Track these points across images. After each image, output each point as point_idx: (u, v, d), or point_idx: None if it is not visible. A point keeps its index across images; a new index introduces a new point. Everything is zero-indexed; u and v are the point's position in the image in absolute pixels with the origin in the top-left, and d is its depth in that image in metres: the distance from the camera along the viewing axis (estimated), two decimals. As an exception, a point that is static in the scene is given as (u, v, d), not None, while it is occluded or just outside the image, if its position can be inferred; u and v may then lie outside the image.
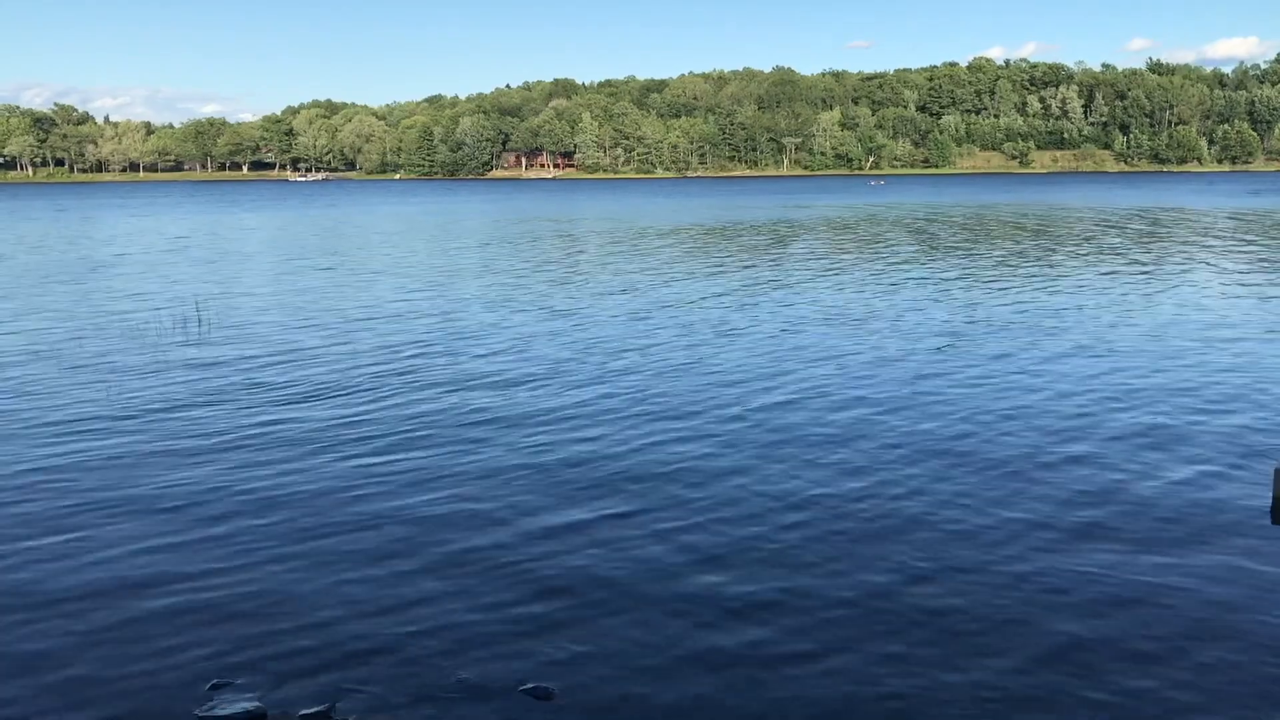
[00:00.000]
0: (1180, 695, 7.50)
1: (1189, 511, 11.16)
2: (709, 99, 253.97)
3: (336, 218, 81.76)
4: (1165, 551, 10.08)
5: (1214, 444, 13.63)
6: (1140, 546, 10.20)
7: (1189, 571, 9.61)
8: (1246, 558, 9.90)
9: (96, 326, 24.93)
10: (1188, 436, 14.01)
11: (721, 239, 53.16)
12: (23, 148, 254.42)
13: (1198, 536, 10.46)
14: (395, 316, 26.21)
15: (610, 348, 21.17)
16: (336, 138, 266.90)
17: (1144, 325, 23.43)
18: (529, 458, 13.35)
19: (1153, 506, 11.33)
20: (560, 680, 7.74)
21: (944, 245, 47.38)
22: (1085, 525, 10.80)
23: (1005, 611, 8.82)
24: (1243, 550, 10.09)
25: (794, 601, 9.05)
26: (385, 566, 9.88)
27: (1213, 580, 9.41)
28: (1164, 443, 13.73)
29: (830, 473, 12.61)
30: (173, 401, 16.70)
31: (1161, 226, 58.39)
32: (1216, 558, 9.92)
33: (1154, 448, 13.50)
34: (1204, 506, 11.32)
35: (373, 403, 16.52)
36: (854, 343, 21.46)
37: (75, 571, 9.82)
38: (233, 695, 7.55)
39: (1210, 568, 9.69)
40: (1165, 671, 7.82)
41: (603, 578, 9.57)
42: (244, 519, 11.19)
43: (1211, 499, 11.55)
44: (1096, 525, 10.79)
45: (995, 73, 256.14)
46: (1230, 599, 9.03)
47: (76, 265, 42.04)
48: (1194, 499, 11.55)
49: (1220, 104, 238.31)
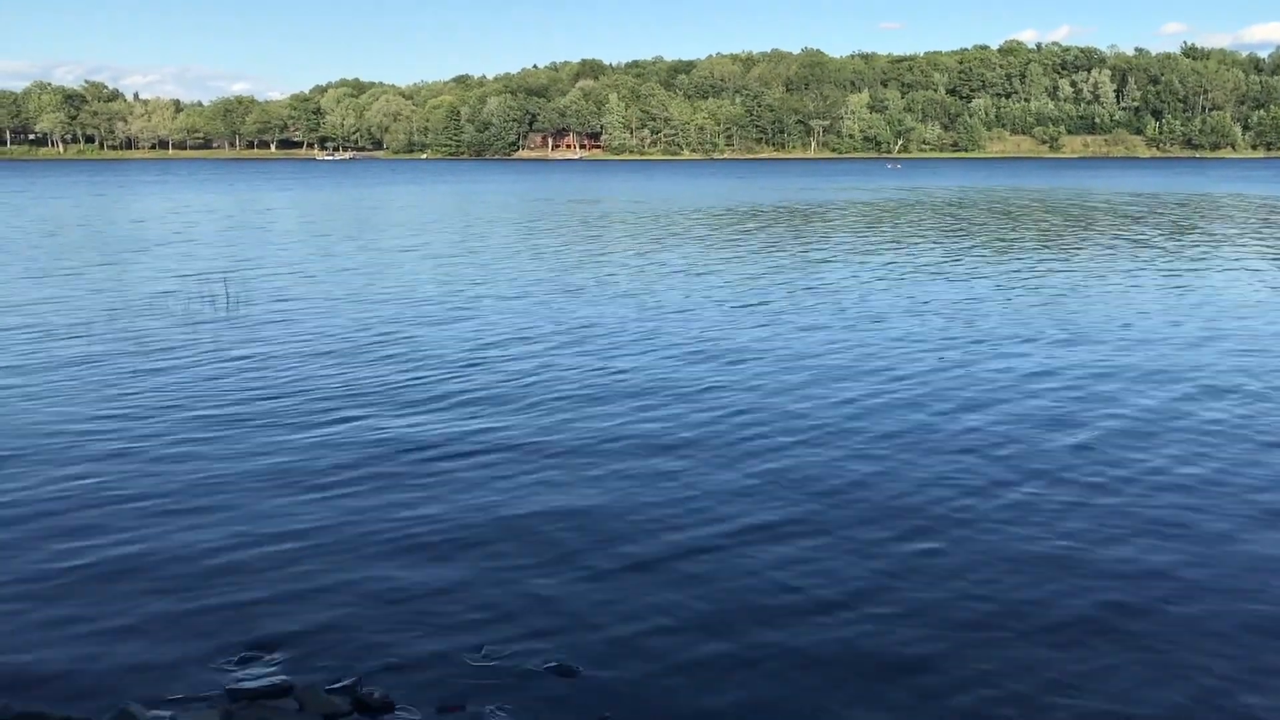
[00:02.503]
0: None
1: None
2: (736, 80, 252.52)
3: (382, 198, 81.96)
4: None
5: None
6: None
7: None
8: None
9: (132, 303, 25.15)
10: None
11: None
12: (54, 124, 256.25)
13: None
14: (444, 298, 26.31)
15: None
16: (364, 117, 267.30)
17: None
18: (557, 434, 13.37)
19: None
20: (584, 659, 7.76)
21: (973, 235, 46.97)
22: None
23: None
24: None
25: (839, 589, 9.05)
26: (413, 543, 9.93)
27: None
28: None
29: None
30: (208, 373, 16.84)
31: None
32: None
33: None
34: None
35: (403, 373, 16.59)
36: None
37: (108, 543, 9.93)
38: (260, 668, 7.63)
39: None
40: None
41: (636, 556, 9.59)
42: (273, 492, 11.27)
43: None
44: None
45: (1026, 56, 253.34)
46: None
47: (120, 242, 42.38)
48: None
49: (1255, 89, 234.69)
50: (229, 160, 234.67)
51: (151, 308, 24.18)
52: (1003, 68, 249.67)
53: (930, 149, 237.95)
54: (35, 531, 10.23)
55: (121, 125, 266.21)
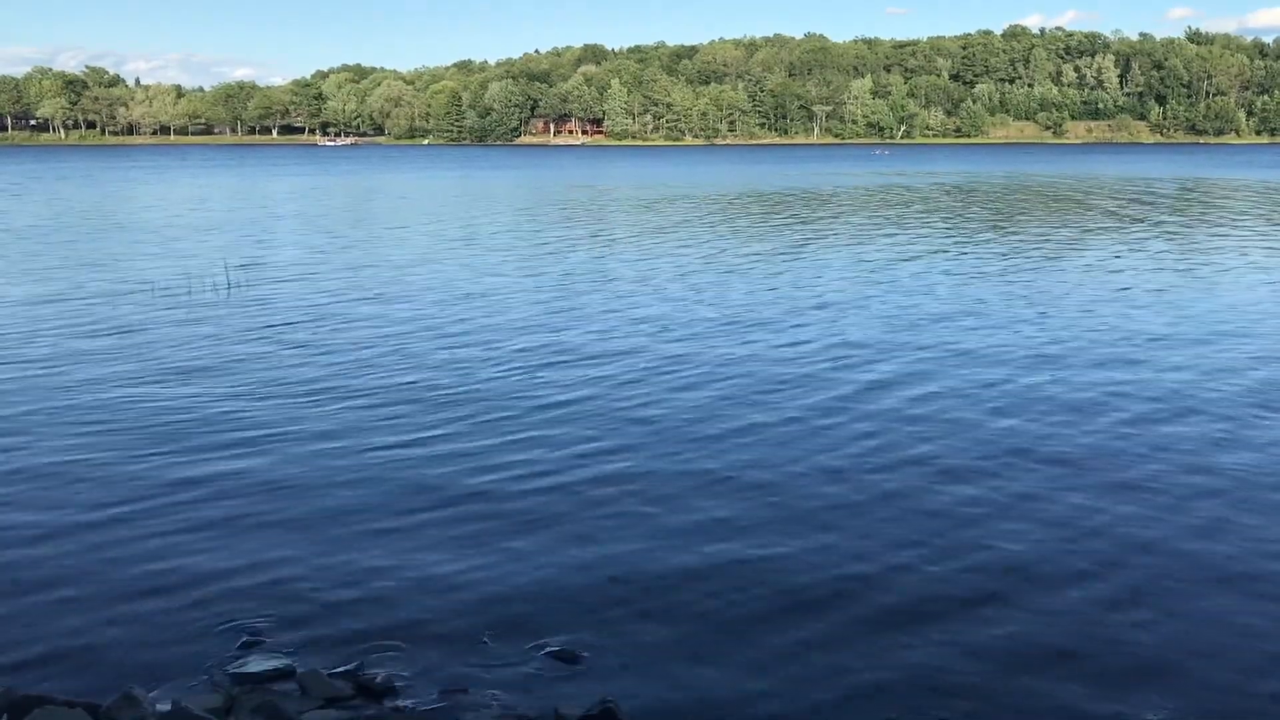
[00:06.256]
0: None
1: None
2: (739, 66, 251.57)
3: (397, 191, 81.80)
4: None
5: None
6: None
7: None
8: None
9: (136, 288, 25.16)
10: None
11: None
12: (55, 110, 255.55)
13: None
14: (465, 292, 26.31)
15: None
16: (365, 102, 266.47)
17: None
18: (562, 428, 13.38)
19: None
20: (588, 644, 7.78)
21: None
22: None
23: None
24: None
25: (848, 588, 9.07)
26: (414, 529, 9.95)
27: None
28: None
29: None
30: (209, 364, 16.85)
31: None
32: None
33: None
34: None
35: (402, 363, 16.59)
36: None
37: (110, 525, 9.95)
38: (263, 654, 7.64)
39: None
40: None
41: (638, 540, 9.61)
42: (277, 479, 11.28)
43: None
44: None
45: (1030, 41, 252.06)
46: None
47: (122, 230, 42.36)
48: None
49: (1260, 74, 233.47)
50: (231, 145, 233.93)
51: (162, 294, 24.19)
52: (1006, 53, 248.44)
53: (934, 134, 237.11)
54: (36, 514, 10.26)
55: (123, 111, 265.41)
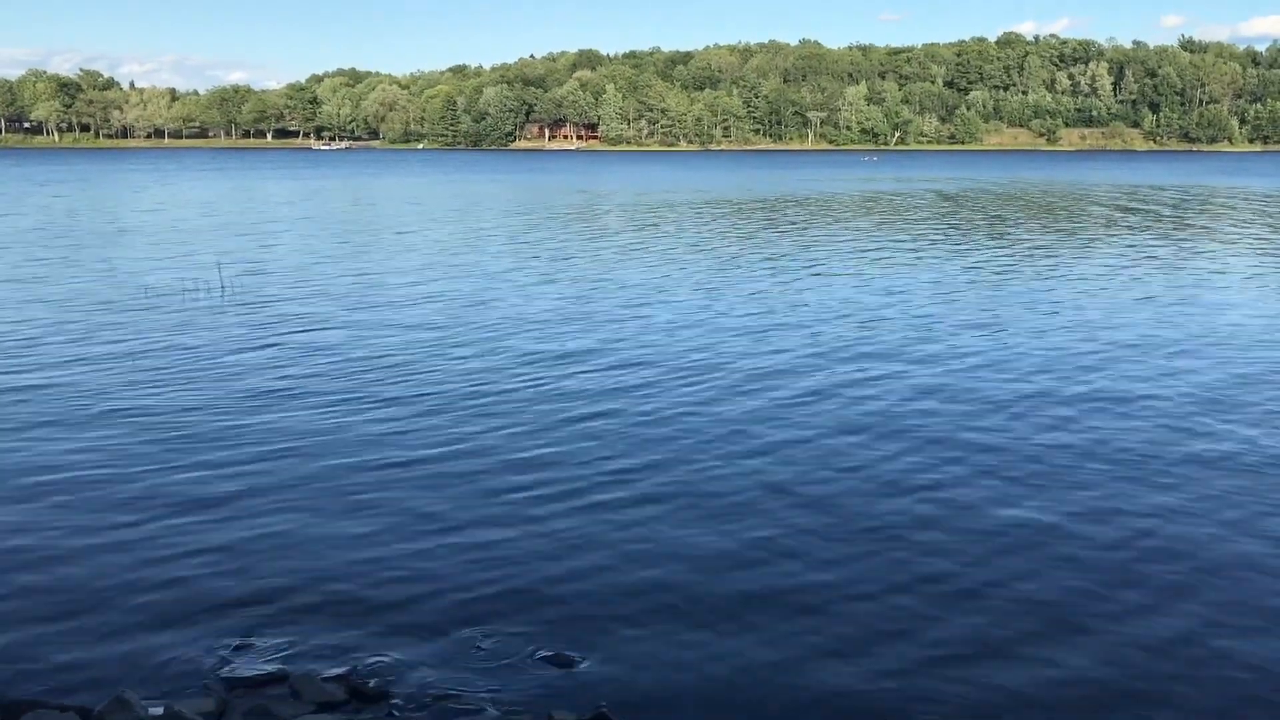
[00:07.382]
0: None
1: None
2: (734, 71, 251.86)
3: (391, 195, 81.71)
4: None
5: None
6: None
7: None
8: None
9: (128, 291, 25.11)
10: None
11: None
12: (49, 112, 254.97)
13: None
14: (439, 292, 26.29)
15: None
16: (360, 106, 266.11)
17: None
18: (552, 418, 13.37)
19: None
20: (581, 648, 7.76)
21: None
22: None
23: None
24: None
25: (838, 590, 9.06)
26: (409, 533, 9.94)
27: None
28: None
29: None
30: (200, 370, 16.81)
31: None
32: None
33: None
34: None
35: (393, 368, 16.57)
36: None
37: (100, 536, 9.91)
38: (255, 657, 7.62)
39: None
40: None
41: (633, 548, 9.60)
42: (268, 483, 11.26)
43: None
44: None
45: (1024, 48, 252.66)
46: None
47: (116, 232, 42.28)
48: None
49: (1253, 83, 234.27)
50: (226, 149, 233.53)
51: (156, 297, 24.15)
52: (1000, 60, 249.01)
53: (928, 141, 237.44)
54: (25, 520, 10.23)
55: (117, 114, 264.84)
